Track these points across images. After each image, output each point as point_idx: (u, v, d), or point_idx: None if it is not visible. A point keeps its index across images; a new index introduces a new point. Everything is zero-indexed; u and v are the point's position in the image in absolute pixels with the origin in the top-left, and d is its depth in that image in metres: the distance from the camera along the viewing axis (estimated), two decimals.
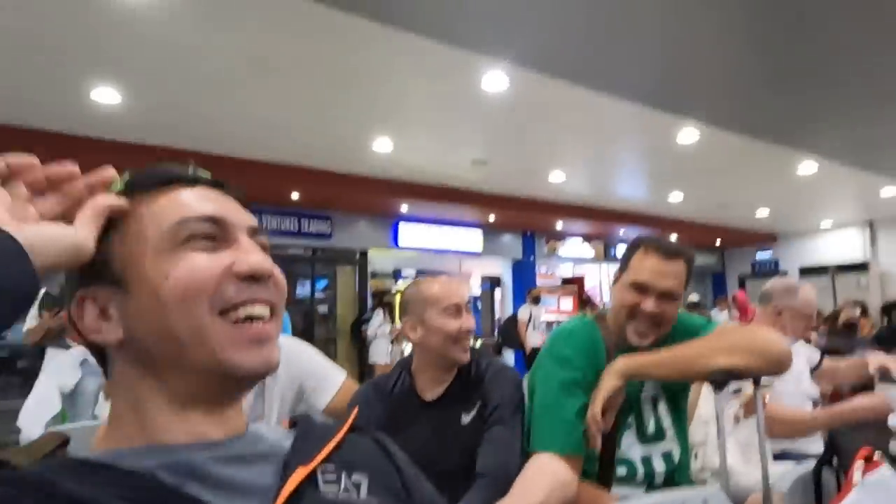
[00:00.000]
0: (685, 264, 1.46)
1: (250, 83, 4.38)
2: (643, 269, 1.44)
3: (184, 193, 0.57)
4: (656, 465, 1.49)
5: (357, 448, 0.63)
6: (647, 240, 1.50)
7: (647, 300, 1.42)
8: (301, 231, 8.28)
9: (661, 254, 1.43)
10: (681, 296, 1.46)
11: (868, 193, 9.06)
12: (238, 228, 0.57)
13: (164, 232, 0.54)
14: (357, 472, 0.59)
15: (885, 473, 0.94)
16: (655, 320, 1.43)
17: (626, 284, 1.47)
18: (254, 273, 0.55)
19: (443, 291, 1.55)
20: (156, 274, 0.52)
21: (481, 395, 1.50)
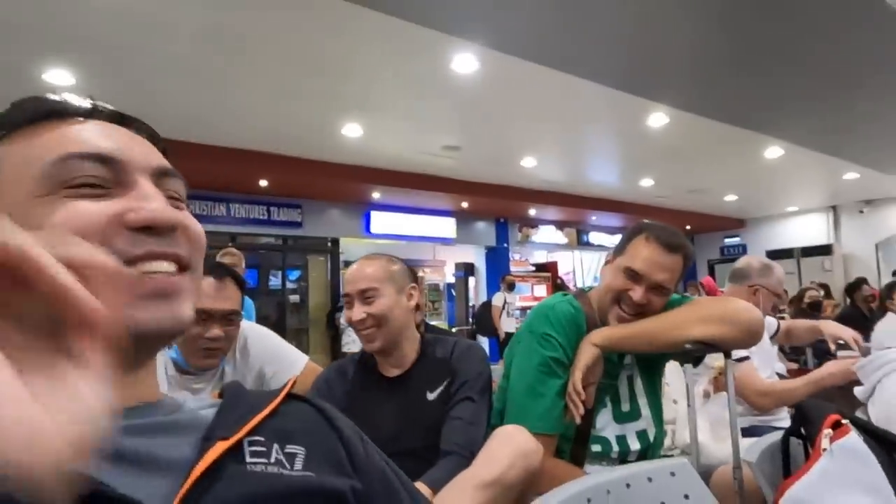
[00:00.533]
0: (683, 259, 1.44)
1: (215, 65, 4.24)
2: (640, 257, 1.42)
3: (73, 128, 0.48)
4: (631, 443, 1.48)
5: (294, 417, 0.57)
6: (651, 227, 1.47)
7: (637, 289, 1.40)
8: (271, 219, 8.13)
9: (662, 245, 1.41)
10: (671, 291, 1.44)
11: (831, 178, 9.28)
12: (137, 169, 0.49)
13: (42, 172, 0.45)
14: (292, 444, 0.53)
15: (853, 439, 0.92)
16: (640, 310, 1.42)
17: (619, 268, 1.45)
18: (151, 223, 0.46)
19: (344, 279, 1.52)
20: (30, 225, 0.42)
21: (449, 373, 1.46)
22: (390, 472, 0.59)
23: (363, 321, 1.43)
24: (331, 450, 0.55)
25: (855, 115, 6.06)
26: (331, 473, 0.52)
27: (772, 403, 2.15)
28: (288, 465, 0.50)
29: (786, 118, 6.11)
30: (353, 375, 1.51)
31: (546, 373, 1.39)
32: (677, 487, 0.96)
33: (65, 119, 0.49)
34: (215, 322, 1.45)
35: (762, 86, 5.17)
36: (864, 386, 1.52)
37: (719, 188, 9.82)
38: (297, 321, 8.93)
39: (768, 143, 6.94)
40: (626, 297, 1.41)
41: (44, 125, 0.48)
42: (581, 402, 1.34)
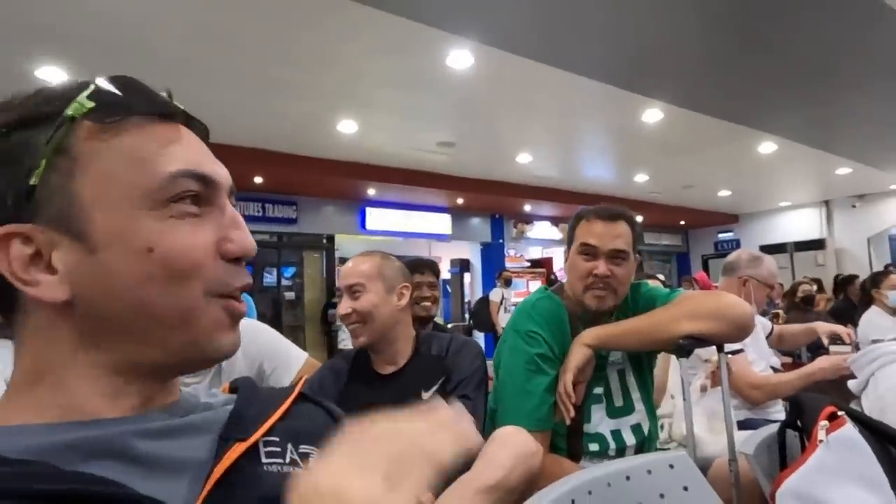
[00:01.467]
0: (627, 224, 1.48)
1: (207, 60, 4.22)
2: (589, 233, 1.47)
3: (165, 132, 0.48)
4: (626, 438, 1.50)
5: (305, 418, 0.58)
6: (588, 209, 1.53)
7: (599, 263, 1.43)
8: (266, 216, 8.11)
9: (603, 218, 1.47)
10: (630, 256, 1.47)
11: (824, 173, 9.33)
12: (223, 189, 0.50)
13: (151, 185, 0.45)
14: (305, 444, 0.54)
15: (849, 430, 0.94)
16: (609, 283, 1.44)
17: (575, 252, 1.49)
18: (244, 255, 0.49)
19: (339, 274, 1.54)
20: (137, 241, 0.44)
21: (444, 371, 1.47)
22: None
23: (348, 315, 1.46)
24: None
25: (846, 110, 6.10)
26: None
27: (764, 396, 2.17)
28: (303, 465, 0.51)
29: (778, 113, 6.13)
30: (347, 373, 1.52)
31: (533, 370, 1.40)
32: (676, 479, 0.97)
33: (167, 121, 0.49)
34: None
35: (754, 81, 5.19)
36: (858, 379, 1.54)
37: (713, 183, 9.86)
38: (293, 318, 8.91)
39: (761, 138, 6.97)
40: (592, 276, 1.44)
41: (152, 124, 0.47)
42: (571, 403, 1.36)
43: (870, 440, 0.96)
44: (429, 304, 2.40)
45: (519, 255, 11.93)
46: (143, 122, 0.47)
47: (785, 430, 1.12)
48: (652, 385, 1.62)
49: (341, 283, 1.49)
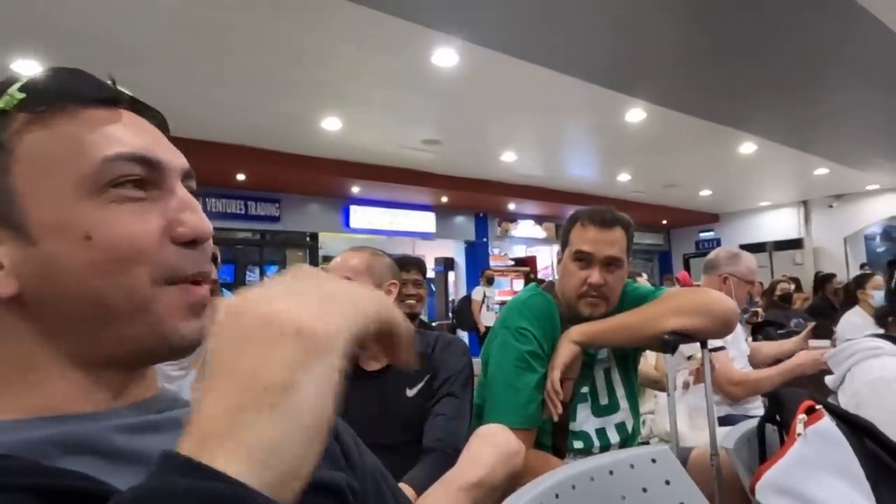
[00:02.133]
0: (623, 230, 1.48)
1: (188, 55, 4.17)
2: (584, 240, 1.45)
3: (103, 117, 0.46)
4: (611, 436, 1.51)
5: None
6: (583, 212, 1.51)
7: (593, 272, 1.43)
8: (248, 214, 8.03)
9: (598, 223, 1.45)
10: (624, 262, 1.47)
11: (802, 173, 9.49)
12: (172, 173, 0.48)
13: (86, 171, 0.43)
14: None
15: (826, 424, 0.95)
16: (603, 291, 1.44)
17: (570, 257, 1.48)
18: (197, 238, 0.47)
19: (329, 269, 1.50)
20: (75, 229, 0.42)
21: (430, 368, 1.47)
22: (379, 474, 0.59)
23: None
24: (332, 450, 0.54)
25: (824, 111, 6.21)
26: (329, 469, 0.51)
27: (744, 393, 2.20)
28: None
29: (758, 113, 6.23)
30: None
31: (523, 367, 1.40)
32: (659, 474, 0.98)
33: (107, 106, 0.47)
34: None
35: (735, 81, 5.26)
36: (835, 374, 1.57)
37: (694, 183, 9.98)
38: None
39: (742, 138, 7.07)
40: (587, 284, 1.44)
41: (88, 109, 0.46)
42: (559, 400, 1.36)
43: (846, 433, 0.98)
44: (413, 301, 2.39)
45: (503, 253, 11.97)
46: (78, 109, 0.45)
47: (764, 425, 1.14)
48: (636, 383, 1.63)
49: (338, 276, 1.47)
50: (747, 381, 2.18)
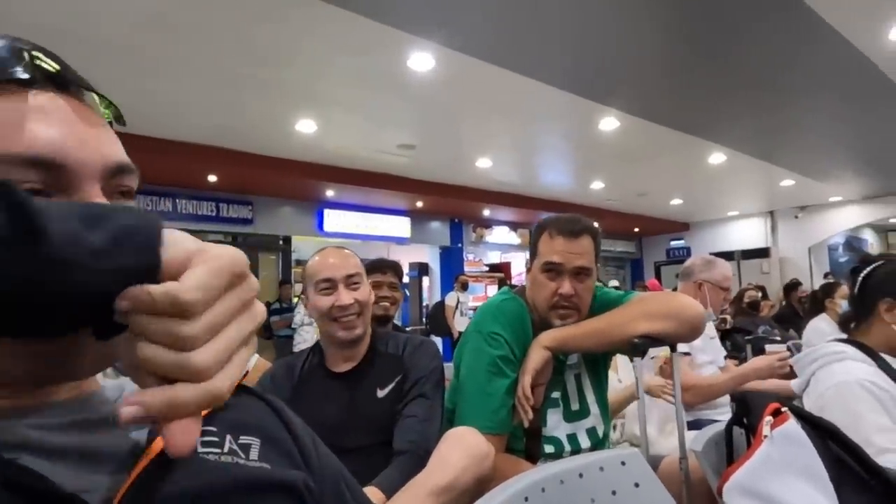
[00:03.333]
0: (591, 238, 1.48)
1: (157, 53, 4.07)
2: (553, 251, 1.46)
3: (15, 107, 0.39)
4: (581, 441, 1.51)
5: (245, 410, 0.54)
6: (550, 221, 1.51)
7: (563, 282, 1.43)
8: (220, 216, 7.89)
9: (567, 234, 1.46)
10: (593, 271, 1.48)
11: (769, 184, 9.73)
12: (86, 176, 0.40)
13: None
14: (246, 435, 0.50)
15: (792, 426, 0.96)
16: (574, 301, 1.45)
17: (539, 269, 1.48)
18: None
19: (317, 266, 1.47)
20: None
21: (401, 369, 1.45)
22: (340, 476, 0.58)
23: (349, 307, 1.42)
24: (284, 445, 0.53)
25: (789, 124, 6.38)
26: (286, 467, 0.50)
27: (694, 399, 2.17)
28: (243, 455, 0.47)
29: (727, 124, 6.37)
30: (300, 371, 1.48)
31: (494, 372, 1.39)
32: (628, 476, 0.98)
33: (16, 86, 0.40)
34: None
35: (705, 92, 5.38)
36: (800, 379, 1.59)
37: (666, 192, 10.15)
38: None
39: (712, 148, 7.22)
40: (557, 295, 1.44)
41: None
42: (529, 406, 1.36)
43: (811, 435, 0.99)
44: (388, 304, 2.37)
45: (478, 259, 11.99)
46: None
47: (732, 428, 1.15)
48: (606, 388, 1.64)
49: (336, 273, 1.44)
50: (698, 386, 2.16)
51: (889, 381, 1.44)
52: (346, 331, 1.43)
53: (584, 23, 3.96)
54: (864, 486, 0.99)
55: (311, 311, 1.49)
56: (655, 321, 1.37)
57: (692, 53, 4.51)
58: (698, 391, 2.16)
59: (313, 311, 1.46)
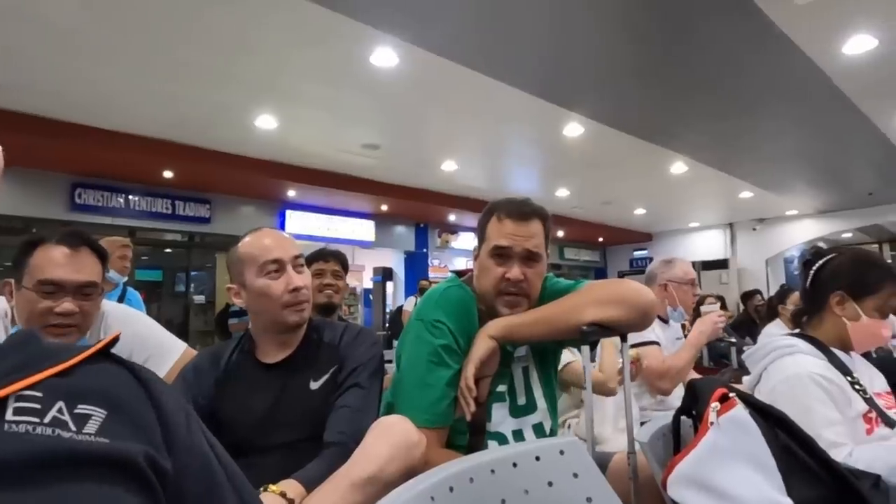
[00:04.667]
0: (541, 222, 1.42)
1: (105, 36, 3.88)
2: (501, 234, 1.38)
3: None
4: (528, 437, 1.44)
5: (100, 378, 0.48)
6: (499, 204, 1.45)
7: (512, 267, 1.36)
8: (176, 214, 7.62)
9: (516, 217, 1.39)
10: (543, 257, 1.41)
11: (729, 196, 9.96)
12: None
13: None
14: (88, 404, 0.45)
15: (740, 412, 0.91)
16: (522, 287, 1.37)
17: (487, 253, 1.41)
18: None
19: (257, 247, 1.35)
20: None
21: (337, 359, 1.35)
22: (215, 461, 0.53)
23: (303, 288, 1.34)
24: (143, 421, 0.48)
25: (748, 137, 6.53)
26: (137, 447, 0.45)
27: (671, 384, 2.23)
28: (73, 427, 0.43)
29: (688, 134, 6.47)
30: (226, 361, 1.37)
31: (435, 362, 1.31)
32: (566, 466, 0.90)
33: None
34: (67, 295, 1.27)
35: (668, 102, 5.44)
36: (752, 374, 1.56)
37: (630, 201, 10.28)
38: (203, 323, 8.41)
39: (674, 158, 7.33)
40: (505, 280, 1.37)
41: None
42: (473, 398, 1.28)
43: (759, 422, 0.94)
44: (331, 291, 2.28)
45: (443, 265, 11.92)
46: None
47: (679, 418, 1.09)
48: (556, 381, 1.57)
49: (283, 254, 1.34)
50: (669, 371, 2.22)
51: (839, 375, 1.42)
52: (299, 315, 1.34)
53: (552, 27, 3.95)
54: (812, 477, 0.94)
55: (251, 301, 1.37)
56: (605, 307, 1.31)
57: (655, 61, 4.55)
58: (671, 375, 2.22)
59: (259, 298, 1.33)
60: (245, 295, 1.37)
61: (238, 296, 1.39)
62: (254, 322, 1.41)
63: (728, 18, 3.85)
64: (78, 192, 6.70)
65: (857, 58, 4.43)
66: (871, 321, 1.47)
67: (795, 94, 5.22)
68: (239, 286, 1.38)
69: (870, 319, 1.47)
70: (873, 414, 1.38)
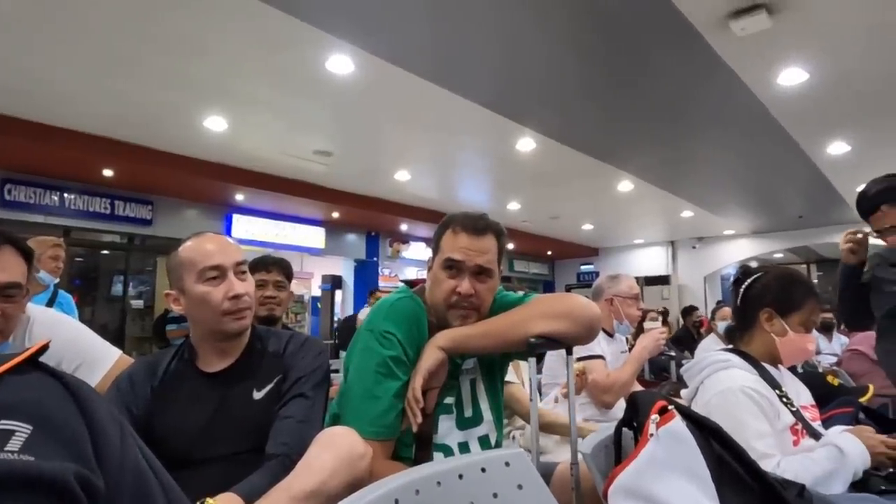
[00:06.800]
0: (495, 238, 1.44)
1: (43, 25, 3.69)
2: (455, 247, 1.39)
3: None
4: (473, 449, 1.44)
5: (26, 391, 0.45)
6: (455, 218, 1.46)
7: (463, 281, 1.37)
8: (115, 215, 7.30)
9: (470, 231, 1.40)
10: (495, 272, 1.43)
11: (671, 215, 10.36)
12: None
13: None
14: (11, 420, 0.42)
15: (677, 424, 0.94)
16: (473, 301, 1.38)
17: (440, 265, 1.42)
18: None
19: (197, 253, 1.31)
20: None
21: (281, 369, 1.32)
22: (151, 475, 0.52)
23: (244, 296, 1.30)
24: (73, 436, 0.45)
25: (689, 158, 6.83)
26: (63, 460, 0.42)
27: (614, 398, 2.31)
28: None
29: (633, 153, 6.71)
30: (164, 371, 1.32)
31: (384, 374, 1.30)
32: (511, 478, 0.91)
33: None
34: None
35: (614, 121, 5.63)
36: (689, 387, 1.62)
37: (577, 216, 10.54)
38: (140, 329, 8.06)
39: (621, 176, 7.57)
40: (456, 294, 1.38)
41: None
42: (420, 409, 1.27)
43: (695, 434, 0.97)
44: (273, 304, 2.22)
45: (393, 274, 11.86)
46: None
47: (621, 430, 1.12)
48: (501, 394, 1.58)
49: (225, 259, 1.30)
50: (613, 385, 2.29)
51: (769, 389, 1.49)
52: (240, 322, 1.29)
53: (504, 42, 4.02)
54: (743, 486, 0.98)
55: (190, 308, 1.32)
56: (551, 321, 1.33)
57: (603, 83, 4.71)
58: (616, 389, 2.29)
59: (199, 305, 1.29)
60: (184, 301, 1.32)
61: (177, 302, 1.33)
62: (193, 330, 1.36)
63: (674, 46, 4.02)
64: (7, 187, 6.33)
65: (791, 89, 4.72)
66: (797, 336, 1.55)
67: (735, 121, 5.50)
68: (178, 292, 1.33)
69: (796, 334, 1.55)
70: (800, 426, 1.46)
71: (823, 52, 4.16)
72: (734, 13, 3.58)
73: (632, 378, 2.36)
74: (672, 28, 3.77)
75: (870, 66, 4.38)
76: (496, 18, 3.71)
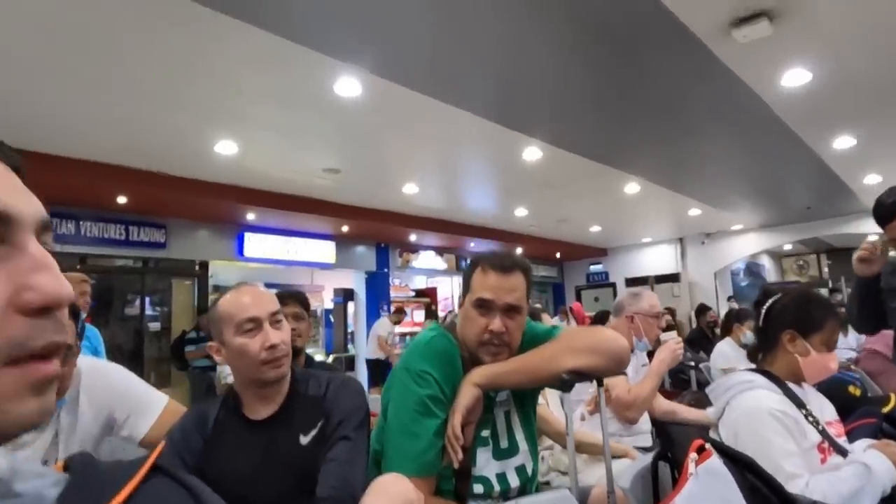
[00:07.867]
0: (523, 275, 1.49)
1: (66, 63, 3.78)
2: (485, 287, 1.45)
3: None
4: (511, 479, 1.49)
5: (158, 499, 0.47)
6: (484, 257, 1.52)
7: (494, 319, 1.43)
8: (129, 240, 7.40)
9: (499, 270, 1.46)
10: (524, 308, 1.48)
11: (679, 213, 10.36)
12: (24, 226, 0.40)
13: None
14: None
15: (716, 462, 0.99)
16: (504, 338, 1.44)
17: (471, 304, 1.47)
18: (52, 305, 0.39)
19: (234, 306, 1.37)
20: None
21: (323, 412, 1.38)
22: None
23: (277, 346, 1.35)
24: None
25: (696, 158, 6.85)
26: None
27: (637, 413, 2.33)
28: None
29: (640, 157, 6.75)
30: (214, 421, 1.38)
31: (422, 413, 1.35)
32: None
33: None
34: None
35: (621, 127, 5.67)
36: (715, 407, 1.66)
37: (585, 219, 10.57)
38: (158, 351, 8.16)
39: (627, 179, 7.61)
40: (488, 332, 1.44)
41: None
42: (460, 446, 1.33)
43: (731, 468, 1.02)
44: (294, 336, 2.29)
45: (404, 284, 11.93)
46: None
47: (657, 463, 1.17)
48: (535, 423, 1.64)
49: (261, 311, 1.36)
50: (636, 401, 2.32)
51: (794, 408, 1.54)
52: (277, 370, 1.36)
53: (511, 57, 4.08)
54: None
55: (231, 358, 1.38)
56: (581, 356, 1.39)
57: (608, 90, 4.75)
58: (638, 405, 2.32)
59: (238, 356, 1.35)
60: (225, 352, 1.38)
61: (219, 353, 1.40)
62: (236, 378, 1.42)
63: (676, 52, 4.06)
64: None
65: (794, 89, 4.75)
66: (819, 355, 1.60)
67: (738, 121, 5.53)
68: (219, 344, 1.40)
69: (819, 354, 1.60)
70: (826, 444, 1.50)
71: (826, 53, 4.19)
72: (735, 22, 3.62)
73: (653, 393, 2.39)
74: (674, 36, 3.82)
75: (874, 65, 4.40)
76: (500, 35, 3.76)
